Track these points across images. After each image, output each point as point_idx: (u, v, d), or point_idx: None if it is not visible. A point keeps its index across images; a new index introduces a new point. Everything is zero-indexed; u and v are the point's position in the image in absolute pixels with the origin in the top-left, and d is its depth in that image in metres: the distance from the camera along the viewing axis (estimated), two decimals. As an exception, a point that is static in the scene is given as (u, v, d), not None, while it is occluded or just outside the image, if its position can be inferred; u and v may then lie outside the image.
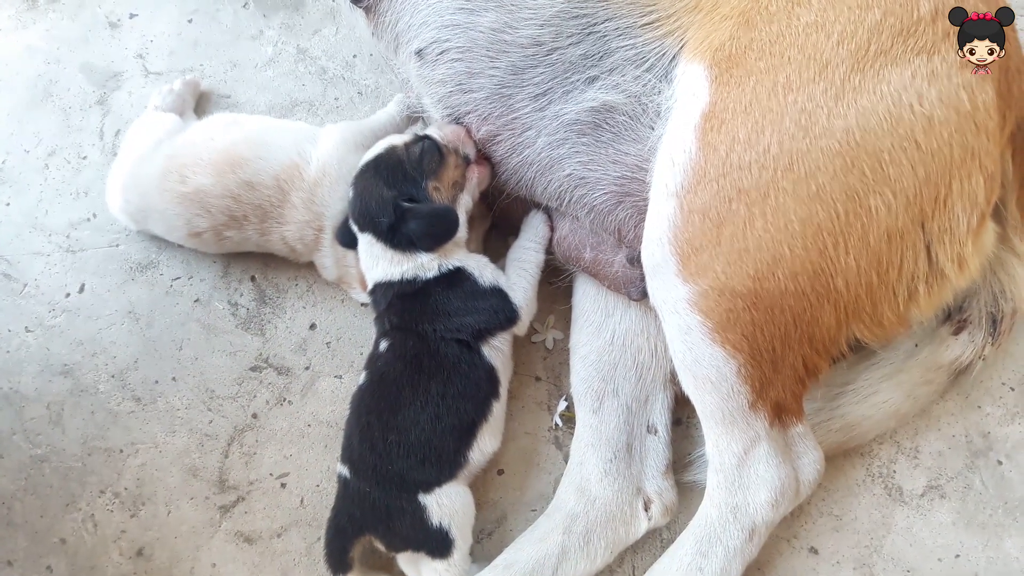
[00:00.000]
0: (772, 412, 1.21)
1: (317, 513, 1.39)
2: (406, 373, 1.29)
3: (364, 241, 1.34)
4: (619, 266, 1.34)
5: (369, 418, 1.29)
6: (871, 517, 1.38)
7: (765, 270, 1.13)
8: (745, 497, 1.23)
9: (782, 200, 1.12)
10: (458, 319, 1.31)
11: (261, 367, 1.49)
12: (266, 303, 1.53)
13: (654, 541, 1.38)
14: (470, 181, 1.36)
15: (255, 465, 1.43)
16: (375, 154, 1.34)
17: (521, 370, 1.47)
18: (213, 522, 1.40)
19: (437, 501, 1.26)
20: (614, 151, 1.28)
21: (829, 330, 1.18)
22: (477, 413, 1.31)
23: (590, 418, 1.37)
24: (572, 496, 1.32)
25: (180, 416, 1.46)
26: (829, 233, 1.12)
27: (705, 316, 1.15)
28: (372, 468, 1.27)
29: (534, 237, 1.41)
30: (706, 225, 1.14)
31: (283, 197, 1.40)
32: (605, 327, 1.40)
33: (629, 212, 1.29)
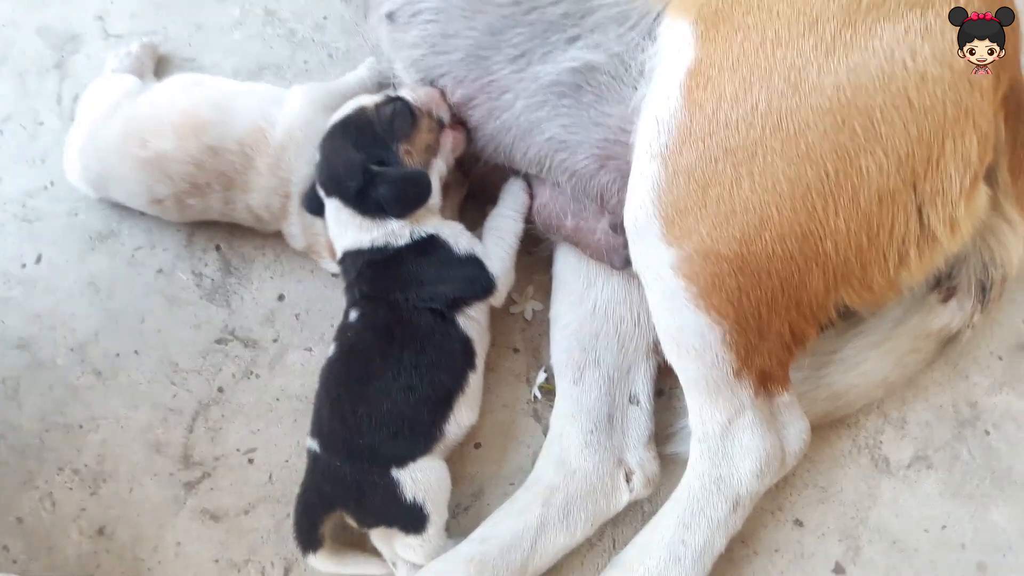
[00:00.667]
0: (757, 381, 1.19)
1: (286, 489, 1.36)
2: (377, 343, 1.26)
3: (332, 207, 1.30)
4: (601, 233, 1.30)
5: (339, 390, 1.25)
6: (857, 488, 1.36)
7: (752, 233, 1.10)
8: (729, 468, 1.21)
9: (770, 160, 1.09)
10: (431, 288, 1.27)
11: (227, 339, 1.45)
12: (232, 273, 1.49)
13: (635, 514, 1.35)
14: (444, 146, 1.32)
15: (221, 440, 1.39)
16: (343, 115, 1.30)
17: (499, 342, 1.44)
18: (178, 499, 1.36)
19: (411, 476, 1.23)
20: (596, 113, 1.25)
21: (817, 295, 1.16)
22: (453, 384, 1.27)
23: (571, 389, 1.34)
24: (551, 468, 1.30)
25: (143, 390, 1.42)
26: (818, 194, 1.09)
27: (689, 281, 1.12)
28: (343, 442, 1.23)
29: (513, 205, 1.37)
30: (691, 186, 1.11)
31: (248, 163, 1.35)
32: (586, 296, 1.36)
33: (612, 176, 1.25)
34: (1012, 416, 1.39)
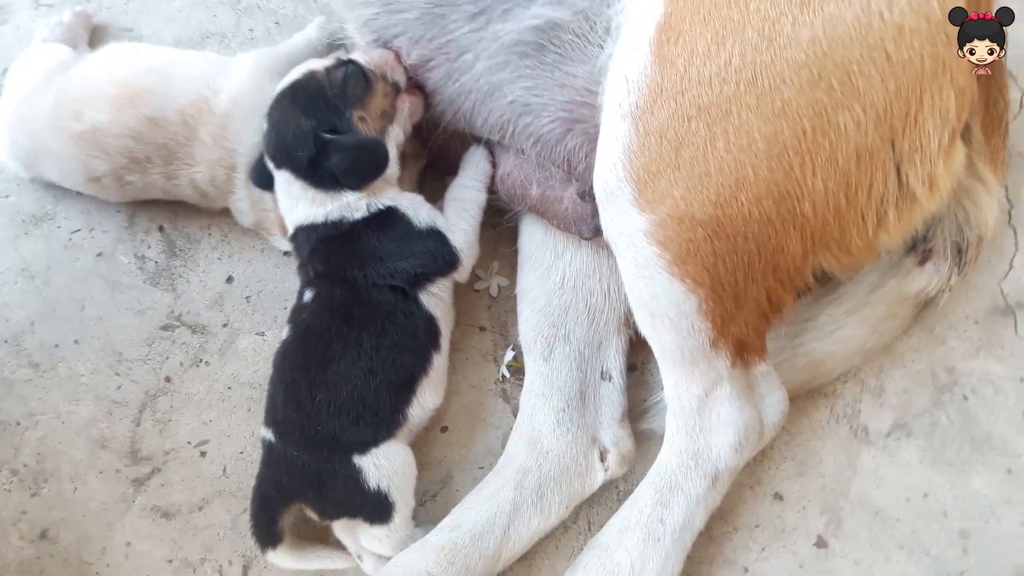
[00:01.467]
0: (734, 351, 1.15)
1: (242, 482, 1.30)
2: (334, 324, 1.19)
3: (281, 179, 1.22)
4: (569, 202, 1.25)
5: (294, 375, 1.19)
6: (836, 459, 1.33)
7: (728, 194, 1.06)
8: (707, 442, 1.17)
9: (745, 117, 1.04)
10: (391, 264, 1.21)
11: (174, 325, 1.38)
12: (177, 255, 1.42)
13: (610, 494, 1.31)
14: (401, 111, 1.25)
15: (171, 433, 1.33)
16: (291, 80, 1.22)
17: (464, 320, 1.38)
18: (126, 497, 1.30)
19: (374, 462, 1.17)
20: (561, 74, 1.19)
21: (795, 260, 1.12)
22: (416, 366, 1.22)
23: (540, 366, 1.29)
24: (523, 450, 1.25)
25: (84, 382, 1.35)
26: (795, 152, 1.05)
27: (663, 248, 1.08)
28: (299, 430, 1.17)
29: (474, 175, 1.31)
30: (664, 147, 1.06)
31: (191, 134, 1.27)
32: (554, 269, 1.31)
33: (579, 140, 1.20)
34: (990, 380, 1.37)
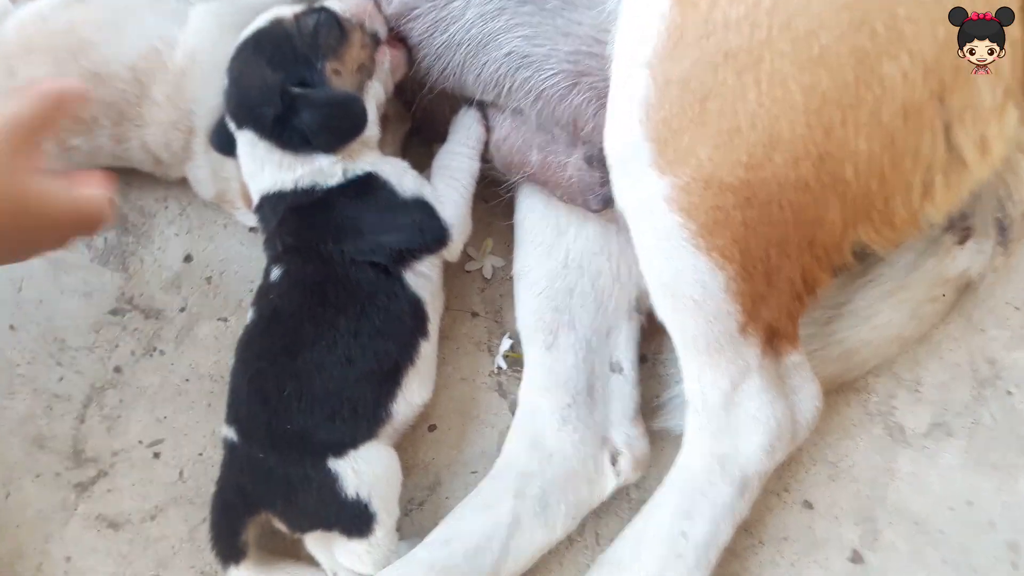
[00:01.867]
0: (764, 337, 1.03)
1: (201, 488, 1.19)
2: (306, 305, 1.07)
3: (244, 141, 1.09)
4: (574, 169, 1.12)
5: (260, 364, 1.07)
6: (871, 463, 1.21)
7: (761, 154, 0.93)
8: (734, 443, 1.05)
9: (779, 65, 0.92)
10: (372, 237, 1.08)
11: (124, 310, 1.27)
12: (128, 231, 1.30)
13: (620, 502, 1.18)
14: (381, 65, 1.12)
15: (120, 431, 1.22)
16: (255, 28, 1.09)
17: (453, 305, 1.27)
18: (67, 504, 1.19)
19: (352, 466, 1.05)
20: (564, 21, 1.07)
21: (833, 232, 1.00)
22: (401, 355, 1.10)
23: (542, 357, 1.16)
24: (523, 452, 1.12)
25: (21, 373, 1.24)
26: (836, 106, 0.93)
27: (687, 216, 0.95)
28: (265, 427, 1.05)
29: (466, 140, 1.18)
30: (687, 99, 0.94)
31: (142, 92, 1.16)
32: (557, 247, 1.19)
33: (586, 96, 1.08)
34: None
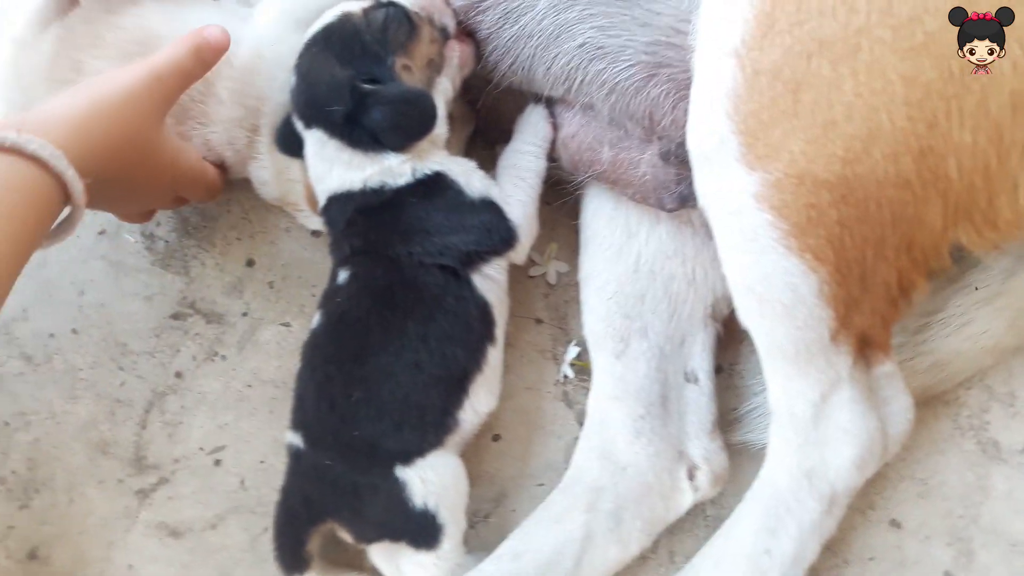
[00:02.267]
0: (856, 346, 0.98)
1: (262, 496, 1.17)
2: (375, 310, 1.04)
3: (312, 141, 1.06)
4: (648, 166, 1.07)
5: (327, 369, 1.04)
6: (963, 480, 1.16)
7: (858, 148, 0.88)
8: (822, 457, 0.99)
9: (878, 53, 0.87)
10: (441, 238, 1.05)
11: (186, 314, 1.25)
12: (190, 234, 1.28)
13: (695, 519, 1.14)
14: (449, 60, 1.08)
15: (181, 438, 1.20)
16: (323, 24, 1.06)
17: (517, 311, 1.22)
18: (129, 512, 1.18)
19: (420, 475, 1.02)
20: (642, 11, 1.02)
21: (933, 233, 0.94)
22: (469, 361, 1.06)
23: (612, 365, 1.11)
24: (594, 464, 1.08)
25: (83, 378, 1.22)
26: (940, 97, 0.87)
27: (778, 215, 0.90)
28: (332, 434, 1.02)
29: (533, 138, 1.14)
30: (778, 90, 0.88)
31: (206, 89, 1.13)
32: (627, 250, 1.14)
33: (665, 88, 1.02)
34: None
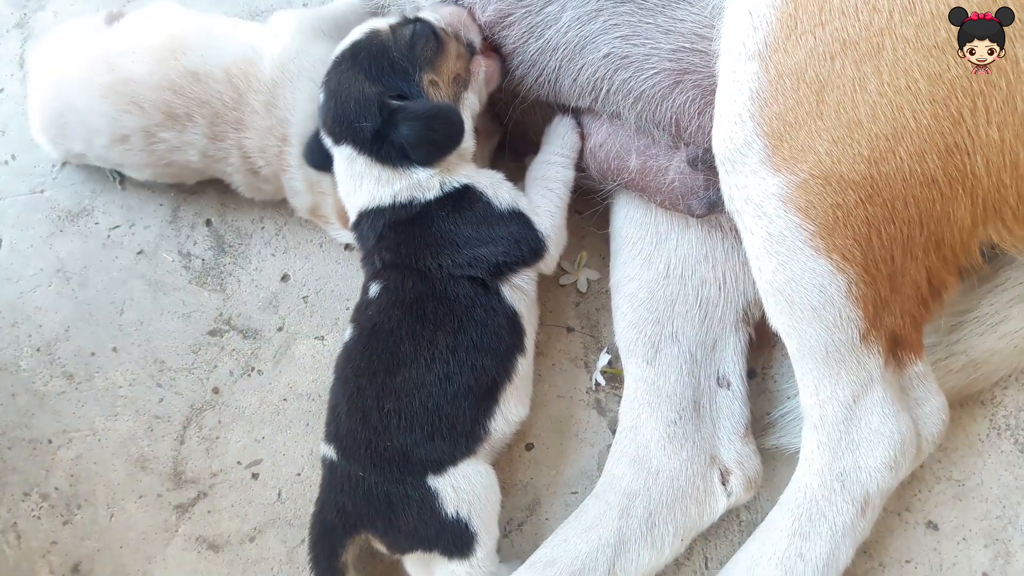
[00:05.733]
0: (887, 346, 0.97)
1: (299, 508, 1.18)
2: (405, 322, 1.05)
3: (342, 157, 1.08)
4: (675, 173, 1.07)
5: (359, 382, 1.05)
6: (1001, 480, 1.14)
7: (884, 148, 0.88)
8: (855, 459, 0.99)
9: (902, 52, 0.87)
10: (470, 250, 1.06)
11: (222, 330, 1.26)
12: (226, 251, 1.30)
13: (730, 524, 1.13)
14: (476, 76, 1.10)
15: (219, 452, 1.21)
16: (352, 41, 1.08)
17: (548, 320, 1.23)
18: (168, 526, 1.19)
19: (452, 484, 1.03)
20: (665, 19, 1.03)
21: (962, 231, 0.93)
22: (499, 371, 1.06)
23: (644, 371, 1.11)
24: (627, 470, 1.07)
25: (123, 395, 1.24)
26: (965, 94, 0.87)
27: (805, 216, 0.90)
28: (366, 446, 1.03)
29: (560, 149, 1.15)
30: (802, 91, 0.89)
31: (239, 98, 1.15)
32: (657, 256, 1.14)
33: (690, 95, 1.03)
34: None
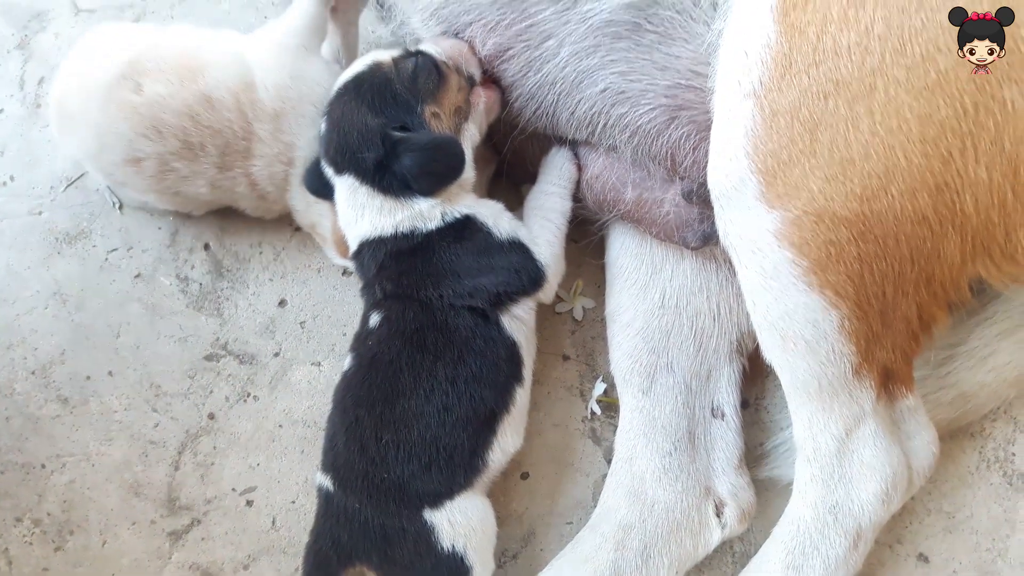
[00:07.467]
0: (879, 380, 0.98)
1: (293, 537, 1.17)
2: (405, 353, 1.05)
3: (343, 187, 1.09)
4: (671, 205, 1.09)
5: (358, 412, 1.05)
6: (990, 513, 1.15)
7: (876, 186, 0.89)
8: (847, 492, 1.00)
9: (893, 92, 0.89)
10: (471, 280, 1.06)
11: (219, 355, 1.26)
12: (223, 276, 1.29)
13: (724, 556, 1.14)
14: (476, 107, 1.11)
15: (213, 479, 1.21)
16: (355, 73, 1.10)
17: (544, 348, 1.23)
18: (161, 553, 1.18)
19: (448, 518, 1.02)
20: (661, 55, 1.04)
21: (952, 267, 0.95)
22: (497, 402, 1.06)
23: (639, 401, 1.12)
24: (623, 501, 1.08)
25: (118, 420, 1.24)
26: (955, 135, 0.89)
27: (799, 252, 0.91)
28: (363, 477, 1.03)
29: (558, 179, 1.16)
30: (796, 130, 0.90)
31: (247, 126, 1.14)
32: (652, 286, 1.15)
33: (685, 130, 1.05)
34: None
